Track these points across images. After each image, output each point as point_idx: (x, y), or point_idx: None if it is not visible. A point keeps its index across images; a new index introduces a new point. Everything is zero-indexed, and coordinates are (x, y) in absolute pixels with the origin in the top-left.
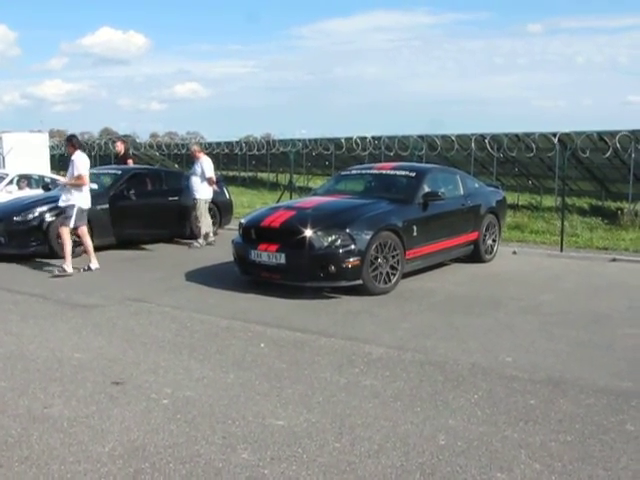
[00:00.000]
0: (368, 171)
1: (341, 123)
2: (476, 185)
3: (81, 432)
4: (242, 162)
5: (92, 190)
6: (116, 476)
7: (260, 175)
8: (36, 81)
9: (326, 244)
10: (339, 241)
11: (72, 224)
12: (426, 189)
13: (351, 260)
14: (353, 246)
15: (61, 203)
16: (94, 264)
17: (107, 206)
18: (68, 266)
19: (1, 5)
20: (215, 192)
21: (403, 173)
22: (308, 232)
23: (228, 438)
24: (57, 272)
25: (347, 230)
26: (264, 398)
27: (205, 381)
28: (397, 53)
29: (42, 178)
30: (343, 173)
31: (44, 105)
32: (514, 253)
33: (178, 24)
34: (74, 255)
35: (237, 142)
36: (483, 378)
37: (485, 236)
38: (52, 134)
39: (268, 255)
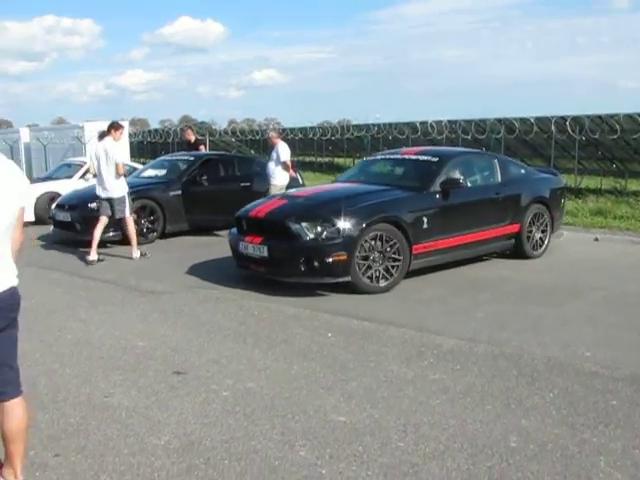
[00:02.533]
0: (392, 156)
1: (417, 108)
2: (522, 171)
3: (138, 423)
4: (318, 147)
5: (164, 176)
6: (169, 471)
7: (337, 160)
8: (119, 71)
9: (310, 236)
10: (324, 233)
11: (128, 212)
12: (447, 176)
13: (337, 254)
14: (340, 239)
15: (116, 194)
16: (136, 253)
17: (179, 192)
18: (136, 252)
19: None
20: (290, 178)
21: (426, 158)
22: (291, 223)
23: (287, 434)
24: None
25: (333, 221)
26: (327, 392)
27: (268, 372)
28: (475, 35)
29: None
30: (369, 159)
31: (126, 94)
32: (596, 240)
33: (255, 12)
34: (148, 241)
35: (311, 127)
36: (560, 374)
37: (531, 229)
38: (134, 122)
39: (253, 247)
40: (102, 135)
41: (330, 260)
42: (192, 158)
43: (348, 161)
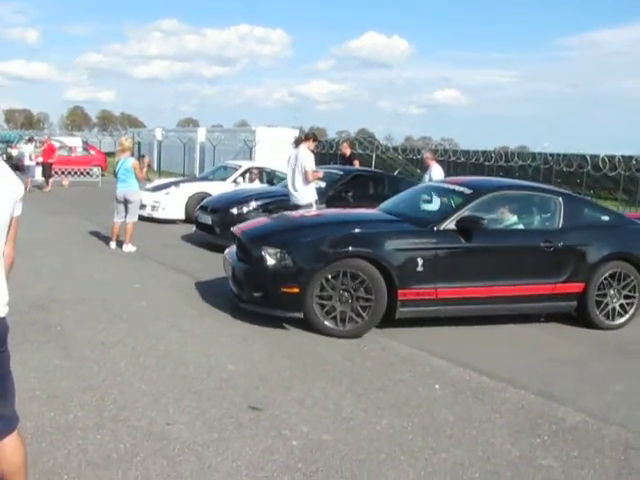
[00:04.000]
0: (435, 184)
1: (603, 139)
2: (603, 218)
3: (186, 464)
4: (489, 173)
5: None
6: None
7: None
8: (303, 81)
9: (270, 262)
10: (281, 261)
11: None
12: (469, 213)
13: (288, 286)
14: (294, 269)
15: (304, 201)
16: None
17: (324, 207)
18: None
19: (281, 10)
20: None
21: (460, 189)
22: (253, 245)
23: None
24: None
25: (290, 249)
26: (409, 460)
27: (351, 423)
28: None
29: (273, 172)
30: (420, 186)
31: (309, 103)
32: None
33: (442, 30)
34: None
35: (474, 152)
36: None
37: (603, 292)
38: (312, 131)
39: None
40: (297, 142)
41: (281, 292)
42: (341, 173)
43: None
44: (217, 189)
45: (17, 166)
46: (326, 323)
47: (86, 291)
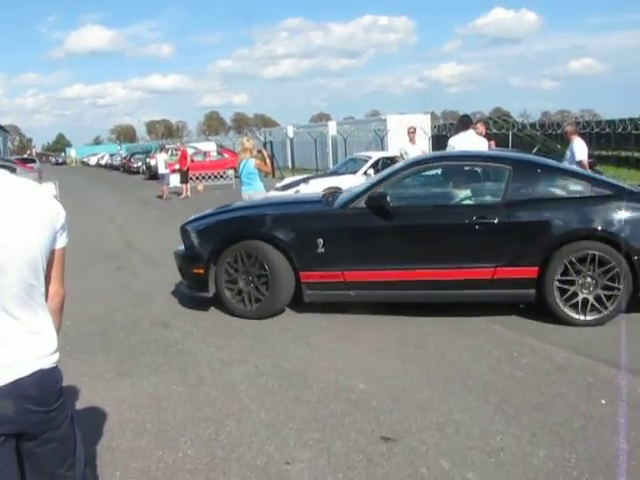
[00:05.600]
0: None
1: None
2: (573, 187)
3: None
4: (636, 142)
5: None
6: None
7: None
8: (432, 65)
9: (187, 244)
10: (194, 242)
11: None
12: (377, 190)
13: (196, 267)
14: (199, 251)
15: None
16: None
17: None
18: None
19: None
20: None
21: (397, 166)
22: (186, 227)
23: None
24: None
25: (197, 230)
26: None
27: (501, 456)
28: None
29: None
30: None
31: (439, 87)
32: None
33: None
34: None
35: (620, 120)
36: None
37: (566, 278)
38: (445, 115)
39: None
40: (457, 129)
41: (191, 273)
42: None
43: None
44: (347, 183)
45: (156, 175)
46: (238, 304)
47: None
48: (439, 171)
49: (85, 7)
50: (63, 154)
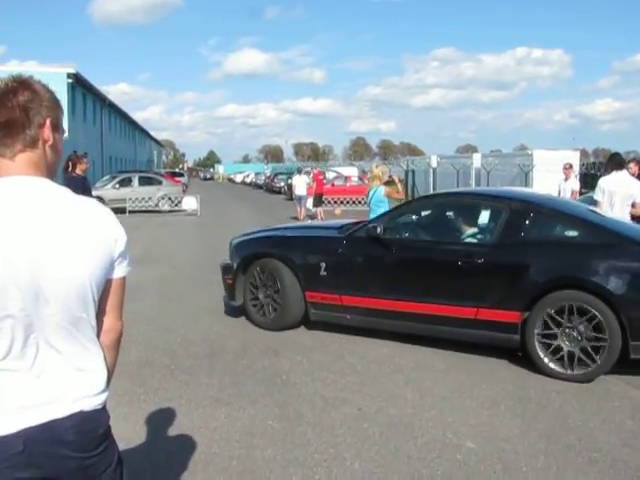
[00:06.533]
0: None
1: None
2: (568, 233)
3: None
4: None
5: None
6: None
7: None
8: (585, 100)
9: (229, 256)
10: (230, 255)
11: None
12: (383, 223)
13: (228, 277)
14: (231, 262)
15: None
16: None
17: None
18: None
19: (561, 30)
20: None
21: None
22: (232, 241)
23: None
24: None
25: (234, 245)
26: None
27: None
28: None
29: None
30: None
31: (591, 124)
32: None
33: None
34: None
35: None
36: None
37: (550, 330)
38: (596, 153)
39: None
40: (608, 168)
41: (226, 281)
42: None
43: None
44: None
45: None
46: (256, 314)
47: (327, 334)
48: (439, 207)
49: (243, 30)
50: (212, 170)
